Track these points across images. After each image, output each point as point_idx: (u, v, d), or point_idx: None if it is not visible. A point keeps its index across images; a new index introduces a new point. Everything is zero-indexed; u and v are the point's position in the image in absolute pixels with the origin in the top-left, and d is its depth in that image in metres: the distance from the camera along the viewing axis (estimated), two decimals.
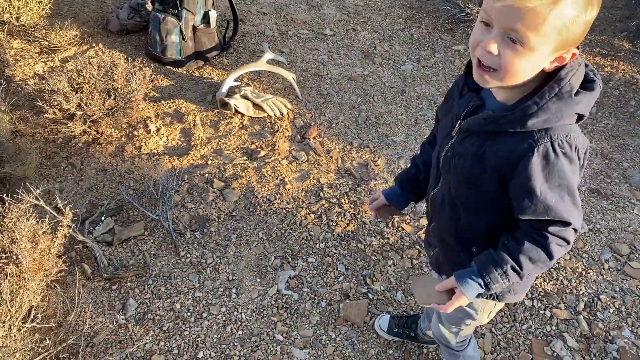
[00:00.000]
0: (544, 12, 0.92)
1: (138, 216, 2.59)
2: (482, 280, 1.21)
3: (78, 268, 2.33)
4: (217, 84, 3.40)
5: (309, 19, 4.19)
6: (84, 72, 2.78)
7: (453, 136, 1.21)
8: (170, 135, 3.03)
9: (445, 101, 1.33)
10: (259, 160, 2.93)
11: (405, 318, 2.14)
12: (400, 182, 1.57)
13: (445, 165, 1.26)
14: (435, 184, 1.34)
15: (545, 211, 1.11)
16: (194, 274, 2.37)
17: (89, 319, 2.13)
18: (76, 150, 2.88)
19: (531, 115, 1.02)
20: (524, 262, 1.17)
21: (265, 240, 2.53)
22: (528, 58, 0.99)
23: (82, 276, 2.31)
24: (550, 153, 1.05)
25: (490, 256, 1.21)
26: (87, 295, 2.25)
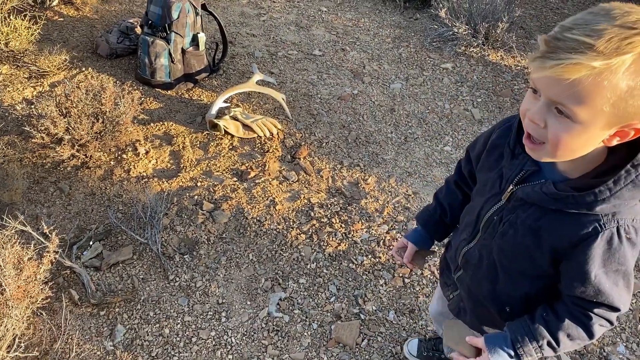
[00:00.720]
0: (590, 83, 0.81)
1: (126, 240, 2.56)
2: (513, 351, 1.15)
3: (65, 294, 2.29)
4: (207, 106, 3.41)
5: (298, 40, 4.22)
6: (72, 96, 2.77)
7: (502, 200, 1.13)
8: (159, 158, 3.02)
9: (487, 150, 1.21)
10: (249, 181, 2.92)
11: (434, 340, 2.09)
12: (425, 224, 1.49)
13: (488, 227, 1.18)
14: (470, 239, 1.26)
15: (596, 295, 1.06)
16: (183, 298, 2.34)
17: (76, 346, 2.09)
18: (64, 174, 2.86)
19: (602, 200, 0.93)
20: (562, 338, 1.12)
21: (255, 262, 2.50)
22: (578, 132, 0.87)
23: (69, 302, 2.27)
24: (615, 239, 0.98)
25: (527, 327, 1.14)
26: (74, 321, 2.21)
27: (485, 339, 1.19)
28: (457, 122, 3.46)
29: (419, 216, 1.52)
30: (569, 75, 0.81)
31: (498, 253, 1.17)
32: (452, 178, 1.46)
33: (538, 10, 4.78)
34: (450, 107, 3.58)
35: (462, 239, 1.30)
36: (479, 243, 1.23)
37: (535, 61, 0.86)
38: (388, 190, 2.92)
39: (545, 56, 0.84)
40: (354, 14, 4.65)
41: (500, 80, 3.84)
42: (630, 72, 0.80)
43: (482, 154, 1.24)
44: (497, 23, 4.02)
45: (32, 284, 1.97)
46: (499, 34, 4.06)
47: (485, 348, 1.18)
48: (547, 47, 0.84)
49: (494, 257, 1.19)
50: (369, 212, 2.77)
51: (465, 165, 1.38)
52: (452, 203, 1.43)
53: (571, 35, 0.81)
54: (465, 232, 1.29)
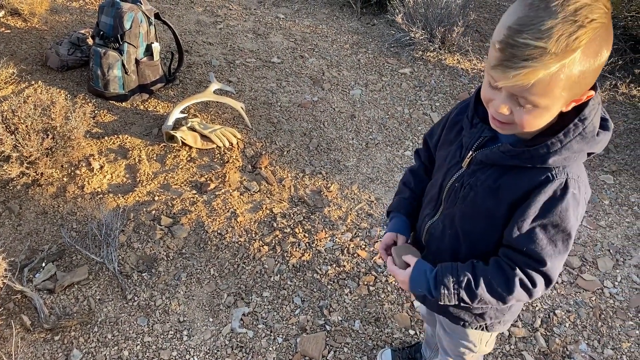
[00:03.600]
0: (548, 81, 0.89)
1: (82, 260, 2.46)
2: (433, 280, 1.20)
3: (16, 320, 2.18)
4: (163, 117, 3.33)
5: (256, 47, 4.17)
6: (19, 111, 2.65)
7: (462, 167, 1.19)
8: (114, 173, 2.92)
9: (446, 128, 1.30)
10: (208, 193, 2.86)
11: (407, 349, 2.09)
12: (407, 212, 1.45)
13: (450, 195, 1.22)
14: (433, 213, 1.30)
15: (527, 243, 1.09)
16: (143, 318, 2.26)
17: None
18: (14, 193, 2.74)
19: (554, 152, 1.01)
20: (481, 284, 1.15)
21: (217, 277, 2.44)
22: (541, 114, 0.97)
23: (20, 329, 2.16)
24: (560, 190, 1.04)
25: (455, 266, 1.20)
26: (26, 349, 2.10)
27: (417, 261, 1.26)
28: (416, 126, 3.47)
29: (396, 206, 1.47)
30: (529, 81, 0.89)
31: (460, 219, 1.21)
32: (415, 167, 1.49)
33: (492, 13, 4.87)
34: (410, 111, 3.60)
35: (425, 214, 1.34)
36: (442, 214, 1.27)
37: (496, 70, 0.93)
38: (351, 197, 2.90)
39: (504, 64, 0.90)
40: (312, 21, 4.63)
41: (458, 84, 3.88)
42: (581, 61, 0.88)
43: (440, 136, 1.33)
44: (452, 27, 4.07)
45: None
46: (454, 38, 4.11)
47: (412, 268, 1.25)
48: (503, 55, 0.90)
49: (456, 225, 1.23)
50: (333, 220, 2.75)
51: (423, 153, 1.45)
52: (422, 188, 1.44)
53: (523, 40, 0.87)
54: (428, 207, 1.33)
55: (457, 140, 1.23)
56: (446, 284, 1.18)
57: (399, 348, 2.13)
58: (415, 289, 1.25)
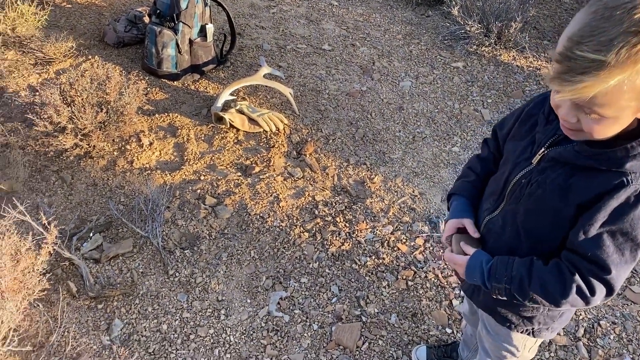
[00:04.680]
0: (609, 93, 0.85)
1: (127, 233, 2.53)
2: (487, 272, 1.18)
3: (63, 286, 2.26)
4: (213, 98, 3.36)
5: (308, 33, 4.16)
6: (76, 84, 2.73)
7: (532, 163, 1.15)
8: (163, 150, 2.97)
9: (519, 122, 1.26)
10: (253, 176, 2.88)
11: (444, 347, 2.06)
12: (468, 192, 1.40)
13: (515, 191, 1.19)
14: (494, 208, 1.27)
15: (592, 248, 1.05)
16: (182, 294, 2.30)
17: (73, 339, 2.06)
18: (67, 164, 2.83)
19: (633, 157, 0.97)
20: (535, 282, 1.11)
21: (257, 260, 2.46)
22: (610, 123, 0.93)
23: (66, 294, 2.24)
24: (635, 197, 0.99)
25: (511, 260, 1.17)
26: (71, 314, 2.18)
27: (476, 250, 1.25)
28: (466, 122, 3.40)
29: (459, 188, 1.43)
30: (588, 94, 0.85)
31: (523, 216, 1.17)
32: (483, 155, 1.45)
33: (552, 10, 4.69)
34: (460, 107, 3.52)
35: (485, 208, 1.31)
36: (504, 210, 1.24)
37: (553, 83, 0.89)
38: (394, 190, 2.87)
39: (561, 78, 0.86)
40: (365, 9, 4.58)
41: (512, 81, 3.77)
42: None
43: (512, 129, 1.29)
44: (510, 22, 3.95)
45: (29, 275, 1.94)
46: (511, 33, 3.98)
47: (470, 256, 1.24)
48: (560, 67, 0.87)
49: (518, 222, 1.19)
50: (374, 212, 2.72)
51: (492, 143, 1.41)
52: (486, 175, 1.40)
53: (580, 53, 0.83)
54: (489, 201, 1.30)
55: (529, 135, 1.19)
56: (499, 277, 1.16)
57: (434, 345, 2.10)
58: (471, 277, 1.23)
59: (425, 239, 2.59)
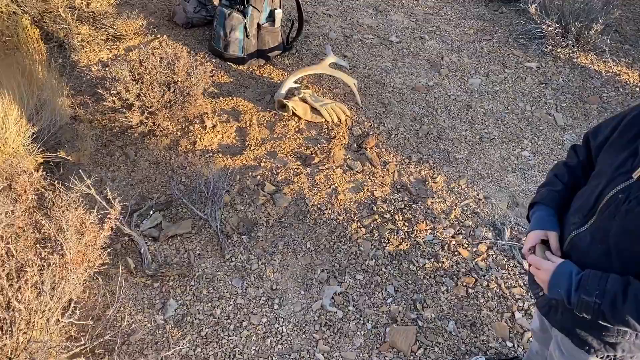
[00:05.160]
0: None
1: (186, 213, 2.53)
2: (576, 284, 1.09)
3: (122, 261, 2.29)
4: (277, 85, 3.33)
5: (375, 24, 4.07)
6: (146, 62, 2.75)
7: (632, 178, 1.07)
8: (225, 133, 2.97)
9: (619, 131, 1.17)
10: (312, 167, 2.83)
11: None
12: (555, 203, 1.32)
13: (609, 207, 1.10)
14: (582, 223, 1.18)
15: None
16: (238, 279, 2.29)
17: (128, 315, 2.08)
18: (131, 140, 2.86)
19: None
20: (631, 302, 1.02)
21: (312, 251, 2.42)
22: None
23: (125, 270, 2.26)
24: None
25: (605, 275, 1.08)
26: (128, 290, 2.20)
27: (564, 260, 1.17)
28: (537, 126, 3.23)
29: (545, 198, 1.33)
30: None
31: (617, 234, 1.09)
32: (573, 163, 1.34)
33: (636, 14, 4.41)
34: (532, 109, 3.35)
35: (572, 223, 1.22)
36: (593, 226, 1.15)
37: None
38: (457, 192, 2.76)
39: None
40: (436, 2, 4.43)
41: (588, 86, 3.56)
42: None
43: (608, 138, 1.20)
44: (591, 24, 3.72)
45: (91, 249, 1.96)
46: (591, 35, 3.76)
47: (557, 263, 1.16)
48: None
49: (610, 240, 1.10)
50: (435, 212, 2.63)
51: (583, 151, 1.32)
52: (575, 186, 1.30)
53: None
54: (576, 216, 1.21)
55: (630, 147, 1.10)
56: (589, 289, 1.06)
57: (493, 358, 2.00)
58: (554, 287, 1.13)
59: (489, 245, 2.48)
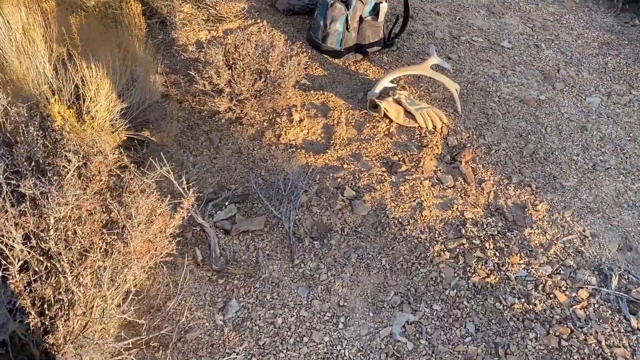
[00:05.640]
0: None
1: (261, 209, 2.42)
2: None
3: (190, 252, 2.22)
4: (371, 83, 3.14)
5: (487, 26, 3.75)
6: (240, 48, 2.66)
7: None
8: (311, 129, 2.83)
9: None
10: (398, 175, 2.62)
11: None
12: None
13: None
14: None
15: None
16: (304, 289, 2.14)
17: (188, 310, 2.00)
18: (218, 126, 2.80)
19: None
20: None
21: (387, 270, 2.23)
22: None
23: (191, 261, 2.19)
24: None
25: None
26: (192, 283, 2.13)
27: None
28: None
29: None
30: None
31: None
32: None
33: None
34: None
35: None
36: None
37: None
38: (560, 224, 2.44)
39: None
40: (558, 8, 4.02)
41: None
42: None
43: None
44: None
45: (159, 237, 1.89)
46: None
47: None
48: None
49: None
50: (532, 245, 2.33)
51: None
52: None
53: None
54: None
55: None
56: None
57: None
58: None
59: (591, 292, 2.16)
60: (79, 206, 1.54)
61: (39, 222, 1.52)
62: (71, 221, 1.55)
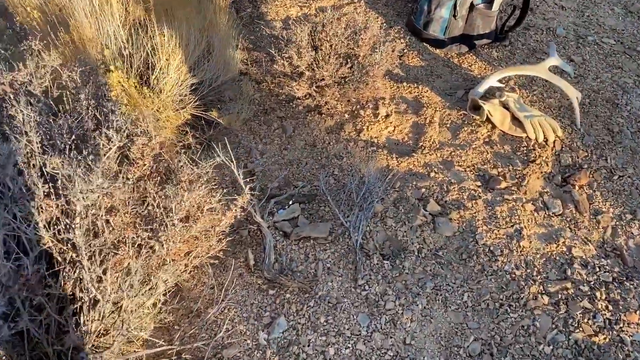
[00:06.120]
0: None
1: (328, 214, 2.12)
2: None
3: (243, 253, 1.96)
4: (475, 80, 2.72)
5: (621, 27, 3.17)
6: (328, 27, 2.35)
7: None
8: (398, 127, 2.47)
9: None
10: (495, 192, 2.22)
11: None
12: None
13: None
14: None
15: None
16: (365, 316, 1.82)
17: (229, 322, 1.74)
18: (294, 113, 2.52)
19: None
20: None
21: (469, 308, 1.85)
22: None
23: (243, 264, 1.94)
24: None
25: None
26: (239, 288, 1.87)
27: None
28: None
29: None
30: None
31: None
32: None
33: None
34: None
35: None
36: None
37: None
38: None
39: None
40: None
41: None
42: None
43: None
44: None
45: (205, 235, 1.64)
46: None
47: None
48: None
49: None
50: None
51: None
52: None
53: None
54: None
55: None
56: None
57: None
58: None
59: None
60: (111, 194, 1.32)
61: (66, 207, 1.31)
62: (102, 210, 1.32)
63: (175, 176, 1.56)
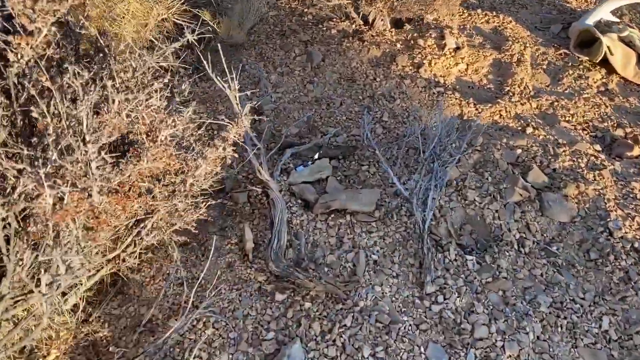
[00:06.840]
0: None
1: (375, 175, 1.36)
2: None
3: (235, 231, 1.20)
4: (576, 13, 1.97)
5: None
6: None
7: None
8: (473, 64, 1.73)
9: None
10: (624, 161, 1.45)
11: None
12: None
13: None
14: None
15: None
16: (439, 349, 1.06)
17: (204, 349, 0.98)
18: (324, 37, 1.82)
19: None
20: None
21: (613, 343, 1.09)
22: None
23: (235, 248, 1.18)
24: None
25: None
26: (226, 290, 1.11)
27: None
28: None
29: None
30: None
31: None
32: None
33: None
34: None
35: None
36: None
37: None
38: None
39: None
40: None
41: None
42: None
43: None
44: None
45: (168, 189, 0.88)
46: None
47: None
48: None
49: None
50: None
51: None
52: None
53: None
54: None
55: None
56: None
57: None
58: None
59: None
60: None
61: None
62: None
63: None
